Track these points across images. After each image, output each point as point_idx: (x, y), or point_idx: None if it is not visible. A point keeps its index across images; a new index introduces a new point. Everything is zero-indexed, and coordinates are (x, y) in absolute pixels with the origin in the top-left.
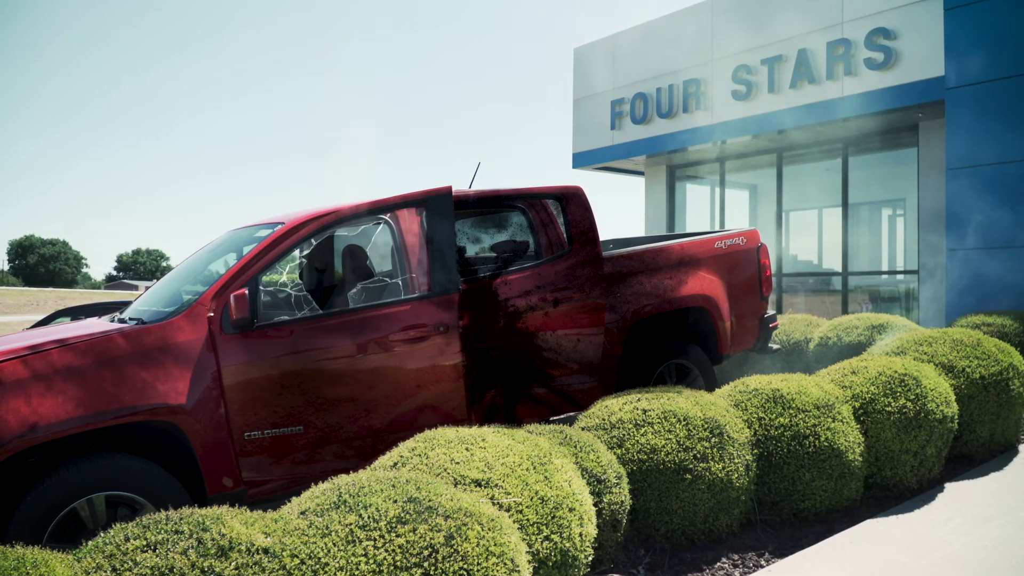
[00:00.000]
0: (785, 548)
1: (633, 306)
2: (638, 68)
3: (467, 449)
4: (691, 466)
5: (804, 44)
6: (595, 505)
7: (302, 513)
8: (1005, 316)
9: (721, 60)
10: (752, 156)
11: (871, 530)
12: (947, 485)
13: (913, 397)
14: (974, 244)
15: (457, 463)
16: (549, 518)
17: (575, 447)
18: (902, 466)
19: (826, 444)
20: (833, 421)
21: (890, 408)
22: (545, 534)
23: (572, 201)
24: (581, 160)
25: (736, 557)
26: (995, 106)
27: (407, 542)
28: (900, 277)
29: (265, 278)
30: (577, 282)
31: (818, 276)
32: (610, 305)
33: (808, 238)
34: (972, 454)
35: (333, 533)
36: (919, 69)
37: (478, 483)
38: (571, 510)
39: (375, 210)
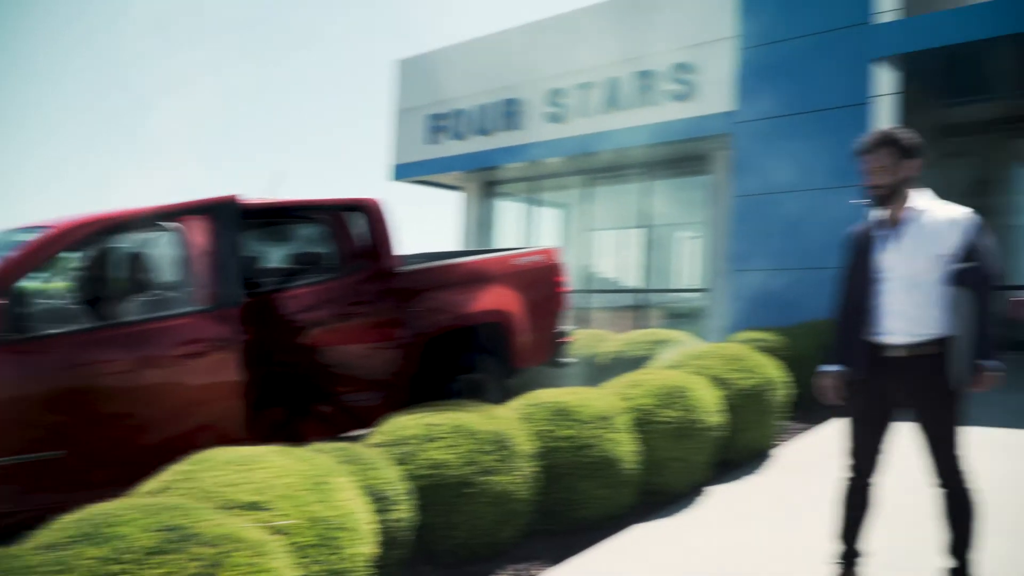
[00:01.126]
0: (561, 556)
1: (427, 321)
2: (459, 84)
3: (242, 471)
4: (476, 480)
5: (614, 73)
6: (379, 523)
7: (46, 547)
8: (773, 332)
9: (538, 83)
10: (564, 176)
11: (639, 533)
12: (711, 489)
13: (685, 408)
14: (753, 266)
15: (229, 486)
16: (324, 539)
17: (360, 464)
18: (672, 473)
19: (604, 454)
20: (612, 432)
21: (664, 418)
22: (315, 556)
23: (368, 214)
24: (401, 172)
25: (514, 568)
26: (774, 140)
27: (164, 574)
28: (693, 295)
29: (37, 287)
30: (369, 296)
31: (621, 293)
32: (403, 320)
33: (613, 257)
34: (734, 460)
35: (75, 570)
36: (714, 103)
37: (250, 506)
38: (349, 530)
39: (155, 217)
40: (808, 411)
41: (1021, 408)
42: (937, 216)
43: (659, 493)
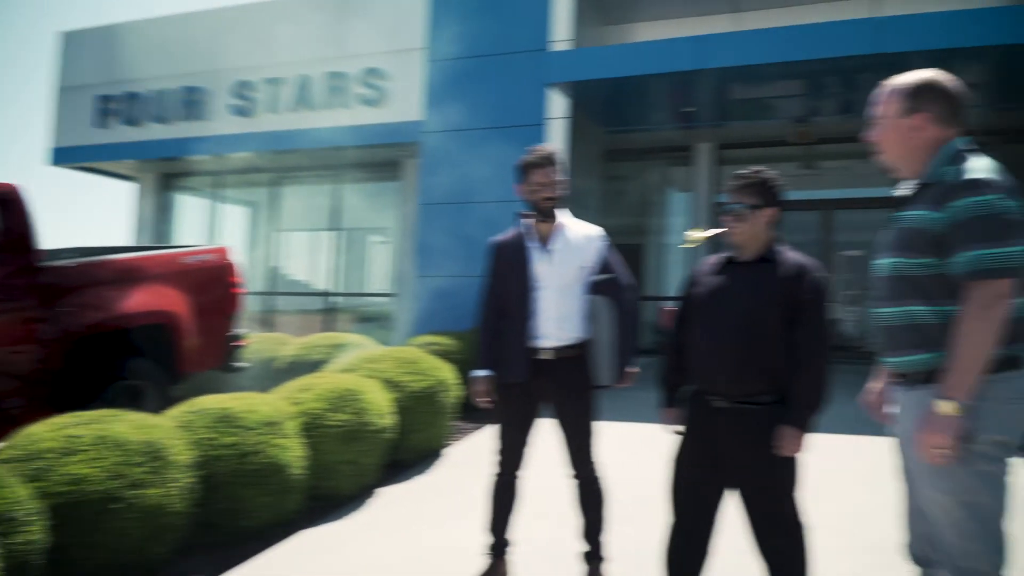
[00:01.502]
0: (222, 568)
1: (76, 321)
2: (134, 65)
3: None
4: (123, 494)
5: (305, 71)
6: (3, 547)
7: None
8: (449, 336)
9: (225, 73)
10: (252, 173)
11: (306, 540)
12: (381, 490)
13: (355, 411)
14: (436, 272)
15: None
16: None
17: None
18: (342, 476)
19: (271, 461)
20: (279, 438)
21: (334, 422)
22: None
23: (5, 201)
24: (61, 157)
25: None
26: (457, 152)
27: None
28: (383, 299)
29: None
30: (5, 292)
31: (310, 296)
32: (47, 319)
33: (304, 259)
34: (406, 460)
35: None
36: (404, 110)
37: None
38: None
39: None
40: (480, 411)
41: (652, 404)
42: (577, 232)
43: (329, 497)
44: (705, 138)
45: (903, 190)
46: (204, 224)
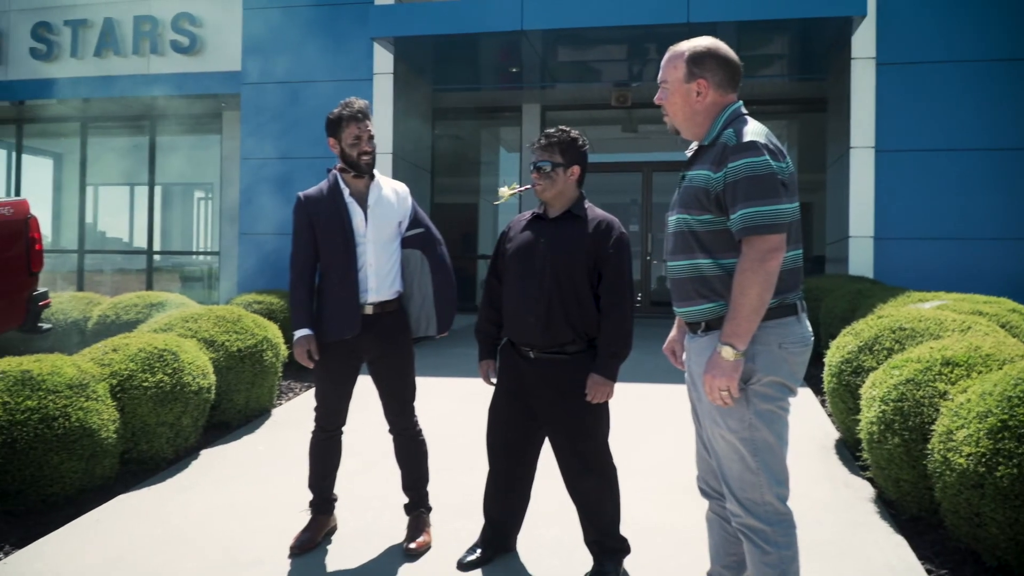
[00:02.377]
0: (30, 537)
1: None
2: None
3: None
4: None
5: (111, 13)
6: None
7: None
8: (273, 295)
9: (21, 12)
10: (57, 123)
11: (122, 504)
12: (203, 452)
13: (171, 371)
14: (260, 230)
15: None
16: None
17: None
18: (159, 439)
19: (77, 424)
20: (87, 400)
21: (147, 383)
22: None
23: None
24: None
25: None
26: (279, 106)
27: None
28: (205, 258)
29: None
30: None
31: (125, 254)
32: None
33: (117, 215)
34: (230, 421)
35: None
36: (222, 60)
37: None
38: None
39: None
40: (309, 370)
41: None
42: (388, 188)
43: (147, 461)
44: (531, 99)
45: (689, 152)
46: (1, 176)
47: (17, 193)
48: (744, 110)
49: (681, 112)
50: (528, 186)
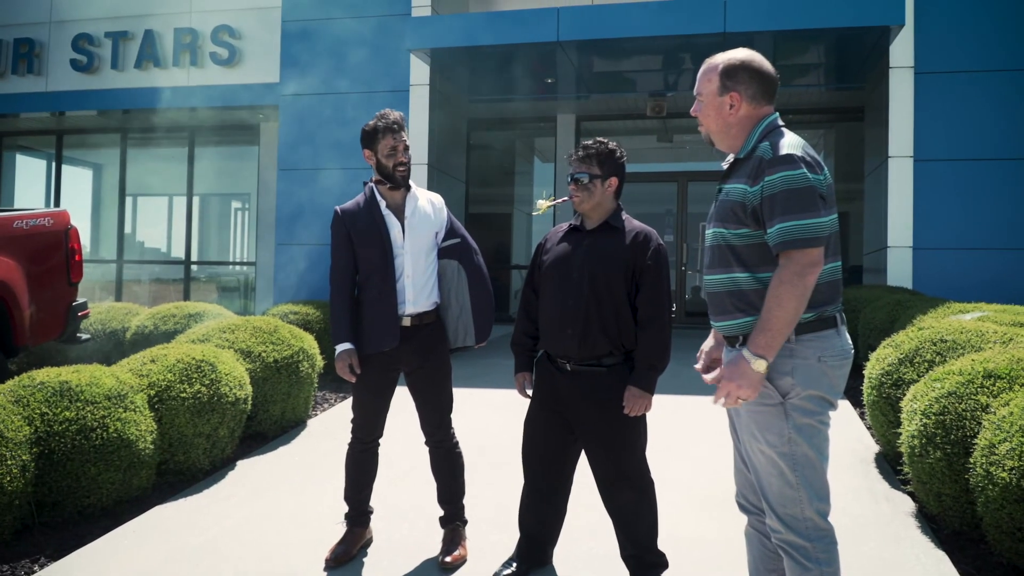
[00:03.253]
0: (66, 548)
1: None
2: None
3: None
4: None
5: (152, 25)
6: None
7: None
8: (310, 305)
9: (62, 24)
10: (96, 134)
11: (159, 515)
12: (239, 463)
13: (208, 382)
14: (298, 240)
15: None
16: None
17: None
18: (195, 450)
19: (115, 435)
20: (125, 411)
21: (185, 394)
22: None
23: None
24: None
25: (7, 568)
26: (318, 117)
27: None
28: (242, 268)
29: None
30: None
31: (163, 264)
32: None
33: (155, 225)
34: (266, 432)
35: None
36: (261, 72)
37: None
38: None
39: None
40: (345, 381)
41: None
42: (424, 199)
43: (184, 472)
44: (566, 109)
45: (725, 164)
46: (41, 186)
47: (57, 204)
48: (780, 122)
49: (715, 124)
50: (566, 198)
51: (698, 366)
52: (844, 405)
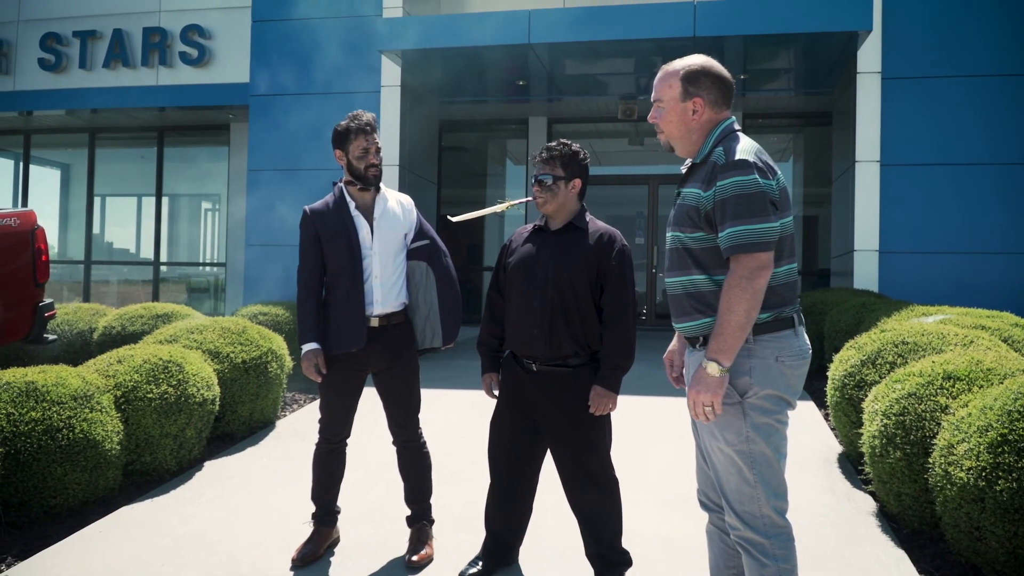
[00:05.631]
0: (33, 548)
1: None
2: None
3: None
4: None
5: (121, 24)
6: None
7: None
8: (280, 306)
9: (30, 23)
10: (64, 133)
11: (126, 516)
12: (206, 464)
13: (175, 383)
14: (266, 241)
15: None
16: None
17: None
18: (162, 450)
19: (82, 436)
20: (91, 412)
21: (152, 395)
22: None
23: None
24: None
25: None
26: (288, 118)
27: None
28: (212, 269)
29: None
30: None
31: (132, 265)
32: None
33: (124, 225)
34: (234, 432)
35: None
36: (231, 72)
37: None
38: None
39: None
40: (314, 382)
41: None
42: (394, 200)
43: (151, 472)
44: (538, 112)
45: (684, 168)
46: (8, 186)
47: (24, 204)
48: (737, 126)
49: (677, 130)
50: (529, 199)
51: (671, 375)
52: (809, 406)
